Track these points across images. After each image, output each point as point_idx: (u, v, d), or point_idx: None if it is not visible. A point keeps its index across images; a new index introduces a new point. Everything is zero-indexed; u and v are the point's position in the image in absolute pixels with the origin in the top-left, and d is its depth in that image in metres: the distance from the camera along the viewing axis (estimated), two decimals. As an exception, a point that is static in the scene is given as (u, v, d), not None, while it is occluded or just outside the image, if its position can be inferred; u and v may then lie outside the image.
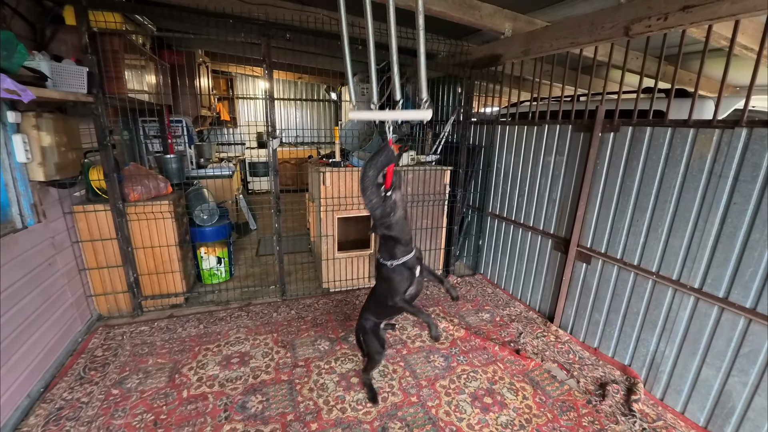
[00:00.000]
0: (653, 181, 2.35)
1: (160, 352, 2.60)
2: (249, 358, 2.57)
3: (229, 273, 3.77)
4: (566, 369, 2.57)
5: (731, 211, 2.00)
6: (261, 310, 3.21)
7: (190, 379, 2.35)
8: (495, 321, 3.17)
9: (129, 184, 2.89)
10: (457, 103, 4.37)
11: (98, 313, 3.02)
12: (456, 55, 3.47)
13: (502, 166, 3.67)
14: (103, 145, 2.65)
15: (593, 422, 2.14)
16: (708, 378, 2.13)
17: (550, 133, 3.08)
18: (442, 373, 2.49)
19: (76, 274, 2.78)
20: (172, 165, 3.82)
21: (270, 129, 2.97)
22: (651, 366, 2.42)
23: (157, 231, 2.98)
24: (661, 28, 2.02)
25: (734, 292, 2.00)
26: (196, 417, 2.07)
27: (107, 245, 2.86)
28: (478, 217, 4.08)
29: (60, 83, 2.28)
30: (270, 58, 2.88)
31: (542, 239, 3.25)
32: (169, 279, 3.12)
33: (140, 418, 2.05)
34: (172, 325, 2.93)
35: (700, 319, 2.16)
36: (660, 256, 2.34)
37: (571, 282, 2.95)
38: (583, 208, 2.78)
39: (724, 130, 2.01)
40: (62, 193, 2.67)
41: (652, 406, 2.30)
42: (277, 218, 3.18)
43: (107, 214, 2.81)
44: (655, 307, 2.38)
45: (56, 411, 2.07)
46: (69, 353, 2.57)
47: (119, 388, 2.25)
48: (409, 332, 2.94)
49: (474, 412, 2.18)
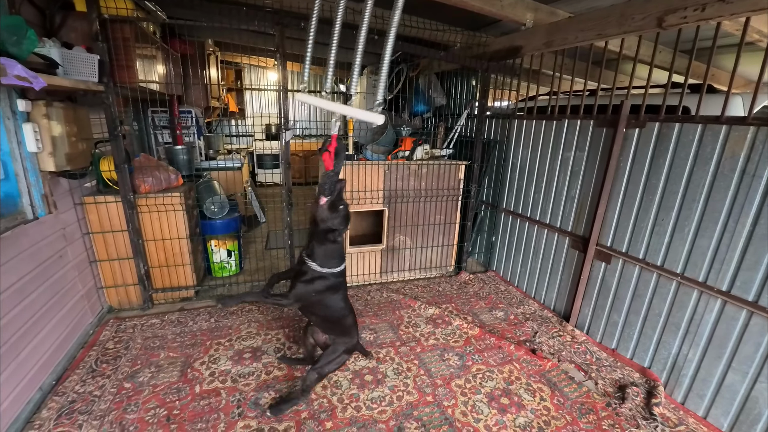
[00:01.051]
0: (680, 180, 2.27)
1: (172, 346, 2.57)
2: (261, 353, 2.54)
3: (239, 266, 3.73)
4: (584, 370, 2.52)
5: (764, 212, 1.92)
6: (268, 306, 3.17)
7: (202, 374, 2.32)
8: (509, 319, 3.12)
9: (139, 176, 2.85)
10: (472, 97, 4.28)
11: (109, 305, 2.99)
12: (473, 47, 3.38)
13: (518, 162, 3.59)
14: (113, 136, 2.60)
15: (613, 426, 2.09)
16: (733, 383, 2.07)
17: (570, 129, 2.99)
18: (458, 372, 2.44)
19: (86, 266, 2.75)
20: (181, 156, 3.77)
21: (283, 120, 2.91)
22: (672, 369, 2.36)
23: (168, 223, 2.94)
24: (698, 20, 1.93)
25: (765, 296, 1.93)
26: (209, 413, 2.04)
27: (118, 237, 2.83)
28: (492, 213, 4.01)
29: (71, 71, 2.23)
30: (284, 48, 2.80)
31: (559, 237, 3.17)
32: (179, 272, 3.09)
33: (153, 413, 2.02)
34: (182, 319, 2.90)
35: (726, 322, 2.09)
36: (686, 257, 2.26)
37: (589, 281, 2.88)
38: (603, 206, 2.70)
39: (759, 128, 1.92)
40: (72, 184, 2.63)
41: (673, 410, 2.24)
42: (288, 212, 3.13)
43: (118, 206, 2.77)
44: (679, 309, 2.31)
45: (69, 404, 2.05)
46: (80, 345, 2.55)
47: (131, 382, 2.23)
48: (422, 330, 2.89)
49: (491, 413, 2.14)
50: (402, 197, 3.46)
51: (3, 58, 1.46)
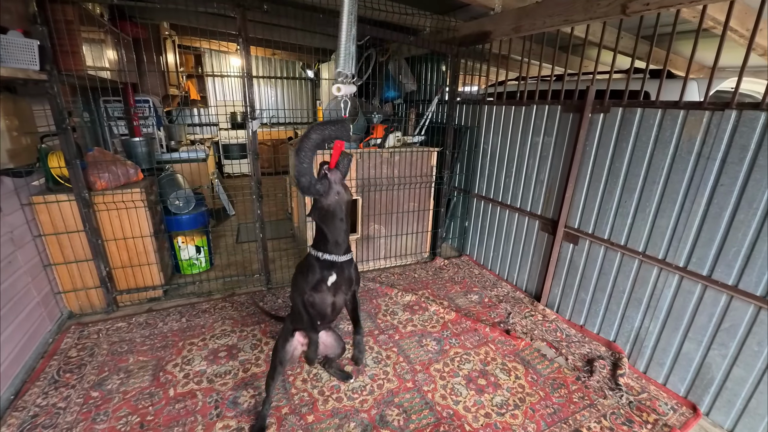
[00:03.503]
0: (642, 163, 2.37)
1: (141, 350, 2.46)
2: (237, 351, 2.48)
3: (209, 262, 3.60)
4: (555, 347, 2.64)
5: (718, 192, 2.04)
6: (246, 300, 3.09)
7: (175, 377, 2.24)
8: (484, 302, 3.20)
9: (94, 171, 2.66)
10: (442, 82, 4.26)
11: (69, 310, 2.81)
12: (442, 32, 3.34)
13: (488, 147, 3.63)
14: (61, 129, 2.39)
15: (583, 398, 2.21)
16: (689, 351, 2.23)
17: (539, 114, 3.04)
18: (436, 357, 2.49)
19: (40, 271, 2.56)
20: (140, 149, 3.55)
21: (249, 109, 2.78)
22: (635, 341, 2.52)
23: (129, 221, 2.77)
24: (659, 7, 1.98)
25: (718, 271, 2.07)
26: (185, 416, 1.98)
27: (74, 238, 2.64)
28: (464, 198, 4.06)
29: (7, 59, 2.01)
30: (246, 33, 2.66)
31: (529, 220, 3.26)
32: (145, 271, 2.94)
33: (125, 420, 1.94)
34: (151, 320, 2.78)
35: (683, 296, 2.23)
36: (647, 236, 2.38)
37: (558, 262, 2.99)
38: (571, 189, 2.79)
39: (714, 112, 2.02)
40: (18, 183, 2.42)
41: (636, 379, 2.39)
42: (258, 204, 3.03)
43: (72, 205, 2.57)
44: (641, 286, 2.45)
45: (30, 419, 1.93)
46: (39, 356, 2.39)
47: (99, 390, 2.12)
48: (400, 317, 2.92)
49: (469, 394, 2.20)
50: (375, 186, 3.43)
51: None
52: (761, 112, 1.85)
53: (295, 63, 8.38)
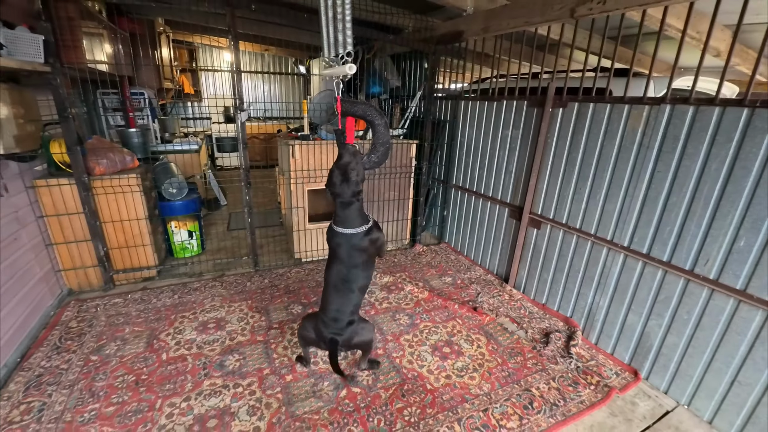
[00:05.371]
0: (594, 153, 2.61)
1: (136, 321, 2.68)
2: (225, 323, 2.71)
3: (200, 247, 3.82)
4: (517, 322, 2.88)
5: (655, 178, 2.29)
6: (235, 280, 3.32)
7: (168, 344, 2.46)
8: (456, 284, 3.45)
9: (93, 158, 2.86)
10: (425, 79, 4.48)
11: (68, 287, 3.02)
12: (421, 31, 3.56)
13: (465, 140, 3.87)
14: (63, 117, 2.60)
15: (536, 364, 2.45)
16: (632, 323, 2.48)
17: (508, 108, 3.28)
18: (407, 330, 2.73)
19: (42, 249, 2.77)
20: (135, 139, 3.74)
21: (238, 102, 2.99)
22: (588, 316, 2.77)
23: (125, 205, 2.98)
24: (602, 11, 2.22)
25: (654, 248, 2.32)
26: (176, 376, 2.20)
27: (74, 220, 2.85)
28: (443, 189, 4.29)
29: (15, 52, 2.21)
30: (236, 29, 2.87)
31: (500, 208, 3.51)
32: (140, 252, 3.16)
33: (121, 379, 2.16)
34: (146, 297, 2.99)
35: (627, 273, 2.48)
36: (597, 219, 2.63)
37: (524, 246, 3.24)
38: (535, 178, 3.03)
39: (652, 107, 2.27)
40: (22, 167, 2.62)
41: (587, 349, 2.65)
42: (247, 191, 3.25)
43: (72, 188, 2.78)
44: (593, 265, 2.70)
45: (36, 378, 2.14)
46: (42, 326, 2.60)
47: (98, 355, 2.34)
48: (377, 295, 3.15)
49: (434, 360, 2.44)
50: (358, 175, 3.65)
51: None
52: (690, 106, 2.10)
53: (287, 59, 8.57)
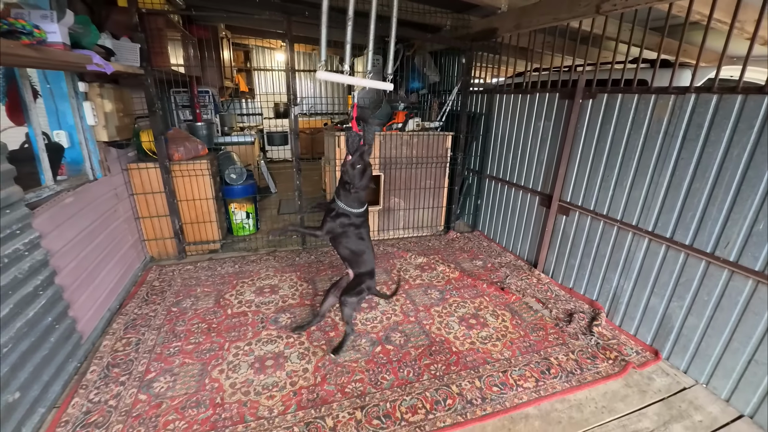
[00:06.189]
0: (621, 142, 2.72)
1: (206, 284, 3.17)
2: (278, 289, 3.13)
3: (255, 227, 4.31)
4: (542, 303, 3.06)
5: (679, 165, 2.38)
6: (285, 255, 3.76)
7: (232, 302, 2.92)
8: (486, 267, 3.65)
9: (173, 146, 3.39)
10: (462, 74, 4.68)
11: (150, 255, 3.60)
12: (458, 28, 3.78)
13: (499, 132, 4.04)
14: (152, 111, 3.13)
15: (557, 339, 2.63)
16: (655, 305, 2.59)
17: (540, 101, 3.43)
18: (437, 303, 3.00)
19: (132, 222, 3.34)
20: (202, 132, 4.29)
21: (292, 96, 3.39)
22: (613, 299, 2.89)
23: (197, 186, 3.49)
24: (624, 7, 2.34)
25: (678, 233, 2.41)
26: (239, 327, 2.64)
27: (156, 198, 3.40)
28: (478, 179, 4.49)
29: (120, 58, 2.73)
30: (291, 33, 3.26)
31: (530, 197, 3.66)
32: (207, 228, 3.67)
33: (197, 326, 2.63)
34: (212, 266, 3.50)
35: (651, 257, 2.59)
36: (623, 206, 2.74)
37: (553, 233, 3.38)
38: (564, 167, 3.17)
39: (677, 96, 2.36)
40: (120, 153, 3.19)
41: (610, 330, 2.77)
42: (298, 176, 3.66)
43: (156, 171, 3.32)
44: (618, 250, 2.81)
45: (131, 321, 2.66)
46: (132, 284, 3.16)
47: (177, 308, 2.84)
48: (411, 273, 3.44)
49: (460, 329, 2.70)
50: (396, 164, 3.96)
51: (86, 50, 1.97)
52: (713, 95, 2.18)
53: (332, 57, 9.03)
